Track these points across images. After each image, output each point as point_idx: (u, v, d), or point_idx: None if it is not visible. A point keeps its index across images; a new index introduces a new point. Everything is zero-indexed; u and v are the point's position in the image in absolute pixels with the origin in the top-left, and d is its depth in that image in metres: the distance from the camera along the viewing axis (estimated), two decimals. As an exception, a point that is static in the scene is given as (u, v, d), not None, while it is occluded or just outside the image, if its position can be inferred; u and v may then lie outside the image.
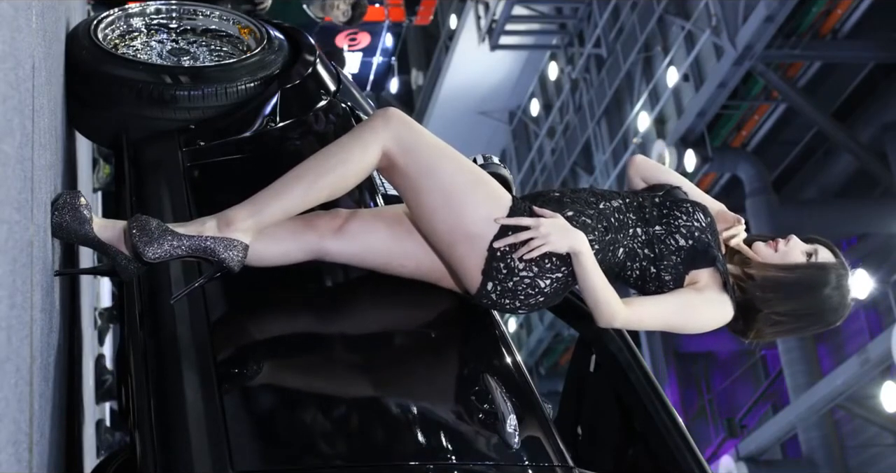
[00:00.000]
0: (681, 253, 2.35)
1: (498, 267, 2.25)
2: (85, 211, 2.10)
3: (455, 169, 2.28)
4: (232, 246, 2.14)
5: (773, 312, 2.39)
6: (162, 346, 2.17)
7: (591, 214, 2.34)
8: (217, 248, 2.13)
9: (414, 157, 2.25)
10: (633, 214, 2.38)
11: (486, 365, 2.35)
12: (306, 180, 2.21)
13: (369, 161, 2.24)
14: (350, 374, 2.23)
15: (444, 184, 2.25)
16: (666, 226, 2.37)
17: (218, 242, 2.13)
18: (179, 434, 1.96)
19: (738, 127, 14.78)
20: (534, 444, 2.16)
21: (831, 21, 12.91)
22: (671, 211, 2.39)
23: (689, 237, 2.36)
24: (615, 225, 2.35)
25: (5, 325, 1.23)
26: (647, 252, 2.36)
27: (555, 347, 19.54)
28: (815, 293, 2.40)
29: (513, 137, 19.92)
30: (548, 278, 2.27)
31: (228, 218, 2.16)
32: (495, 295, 2.28)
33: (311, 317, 2.36)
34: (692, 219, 2.38)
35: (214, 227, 2.15)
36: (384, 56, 11.93)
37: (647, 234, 2.37)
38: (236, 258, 2.15)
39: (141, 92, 2.71)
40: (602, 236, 2.32)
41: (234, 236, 2.15)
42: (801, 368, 13.44)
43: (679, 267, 2.35)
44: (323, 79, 2.97)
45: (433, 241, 2.31)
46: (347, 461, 2.04)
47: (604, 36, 16.06)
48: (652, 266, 2.36)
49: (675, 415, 2.62)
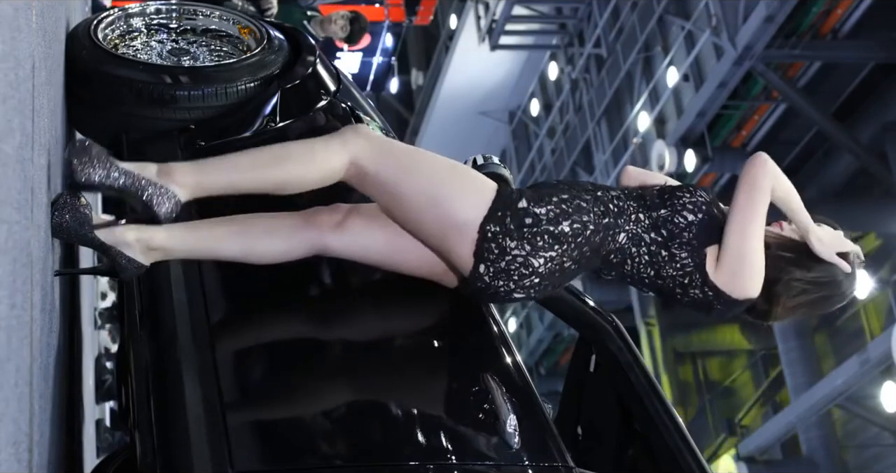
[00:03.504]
0: (691, 228, 2.32)
1: (489, 247, 2.23)
2: (85, 211, 2.10)
3: (431, 166, 2.28)
4: (165, 194, 2.11)
5: (795, 279, 2.34)
6: (162, 346, 2.17)
7: (588, 199, 2.32)
8: (149, 190, 2.10)
9: (386, 162, 2.24)
10: (634, 202, 2.36)
11: (486, 365, 2.35)
12: (260, 163, 2.20)
13: (332, 166, 2.22)
14: (350, 374, 2.23)
15: (425, 181, 2.24)
16: (670, 207, 2.34)
17: (152, 185, 2.11)
18: (179, 434, 1.96)
19: (738, 127, 14.76)
20: (534, 444, 2.16)
21: (831, 21, 12.90)
22: (673, 193, 2.37)
23: (698, 211, 2.33)
24: (614, 210, 2.32)
25: (5, 325, 1.23)
26: (655, 236, 2.32)
27: (555, 347, 19.53)
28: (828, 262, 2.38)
29: (513, 137, 19.91)
30: (541, 256, 2.25)
31: (170, 168, 2.14)
32: (488, 276, 2.25)
33: (311, 317, 2.36)
34: (696, 196, 2.36)
35: (154, 172, 2.13)
36: (384, 56, 11.92)
37: (650, 219, 2.33)
38: (165, 205, 2.11)
39: (141, 92, 2.71)
40: (599, 219, 2.29)
41: (171, 186, 2.12)
42: (801, 368, 13.45)
43: (693, 243, 2.31)
44: (323, 79, 2.98)
45: (424, 239, 2.30)
46: (347, 461, 2.04)
47: (604, 36, 16.06)
48: (663, 249, 2.32)
49: (675, 415, 2.62)
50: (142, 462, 1.95)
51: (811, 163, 14.90)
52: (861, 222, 13.98)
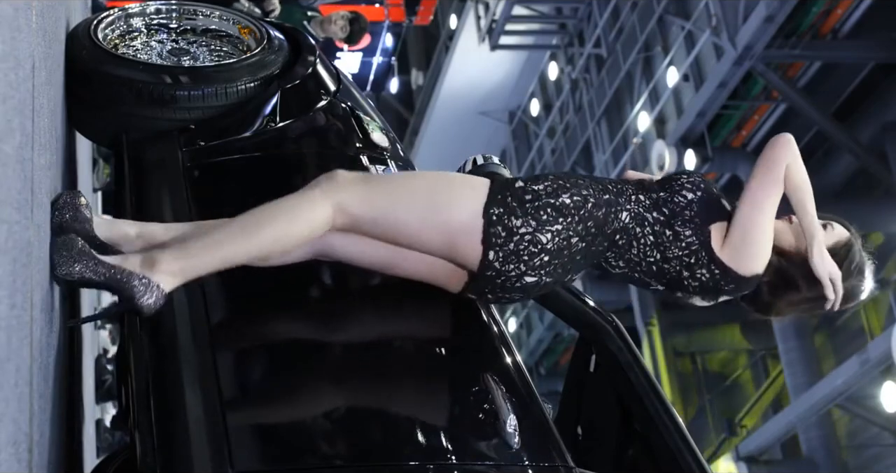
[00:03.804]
0: (692, 206, 2.33)
1: (496, 231, 2.23)
2: (85, 211, 2.10)
3: (413, 184, 2.28)
4: (149, 285, 2.05)
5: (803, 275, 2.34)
6: (162, 346, 2.17)
7: (585, 178, 2.36)
8: (133, 282, 2.04)
9: (371, 198, 2.22)
10: (631, 186, 2.38)
11: (486, 364, 2.35)
12: (243, 232, 2.14)
13: (318, 217, 2.18)
14: (350, 374, 2.23)
15: (416, 200, 2.24)
16: (668, 189, 2.36)
17: (136, 278, 2.04)
18: (179, 434, 1.96)
19: (738, 127, 14.77)
20: (534, 444, 2.16)
21: (831, 21, 12.91)
22: (670, 177, 2.40)
23: (697, 189, 2.34)
24: (612, 190, 2.34)
25: (5, 325, 1.23)
26: (657, 215, 2.32)
27: (555, 347, 19.53)
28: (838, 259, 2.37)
29: (513, 137, 19.91)
30: (547, 231, 2.25)
31: (153, 258, 2.08)
32: (498, 262, 2.25)
33: (311, 317, 2.36)
34: (693, 177, 2.38)
35: (137, 264, 2.07)
36: (384, 56, 11.92)
37: (650, 199, 2.34)
38: (149, 297, 2.05)
39: (141, 92, 2.71)
40: (599, 194, 2.31)
41: (155, 277, 2.06)
42: (801, 368, 13.45)
43: (696, 220, 2.32)
44: (323, 79, 2.97)
45: (433, 253, 2.29)
46: (347, 461, 2.04)
47: (604, 36, 16.06)
48: (666, 228, 2.32)
49: (675, 415, 2.62)
50: (142, 462, 1.94)
51: (811, 163, 14.84)
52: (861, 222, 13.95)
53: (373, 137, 2.84)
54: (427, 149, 19.04)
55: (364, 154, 2.79)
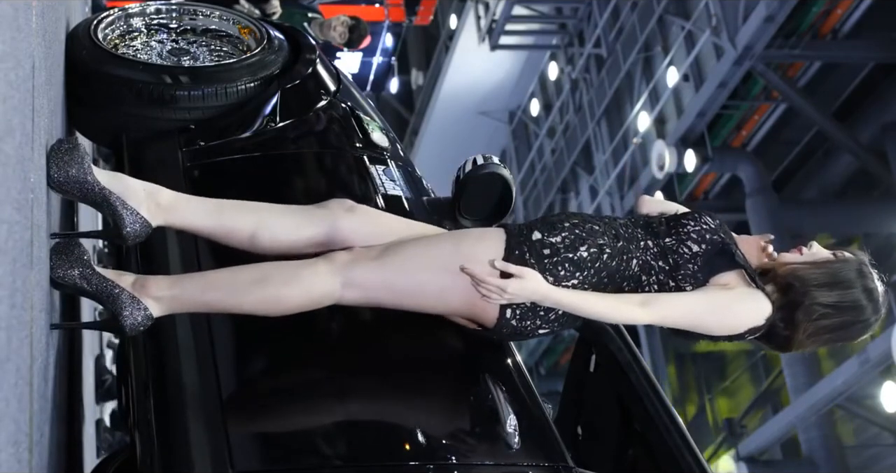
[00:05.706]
0: (696, 260, 2.30)
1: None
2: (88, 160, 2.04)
3: (427, 246, 2.24)
4: (137, 306, 2.05)
5: (816, 303, 2.30)
6: (162, 346, 2.17)
7: (599, 224, 2.32)
8: (122, 298, 2.04)
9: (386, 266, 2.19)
10: (641, 230, 2.35)
11: (486, 365, 2.35)
12: (239, 283, 2.12)
13: (322, 291, 2.16)
14: (350, 374, 2.23)
15: (435, 261, 2.21)
16: (676, 236, 2.32)
17: (127, 295, 2.05)
18: (179, 434, 1.96)
19: (738, 127, 14.76)
20: (534, 444, 2.16)
21: (831, 21, 12.90)
22: (678, 221, 2.35)
23: (702, 241, 2.31)
24: (625, 235, 2.32)
25: (5, 325, 1.23)
26: (662, 264, 2.31)
27: (555, 347, 19.52)
28: (850, 283, 2.34)
29: (513, 137, 19.90)
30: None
31: (146, 281, 2.09)
32: (515, 320, 2.24)
33: (311, 318, 2.36)
34: (700, 223, 2.33)
35: (130, 283, 2.07)
36: (384, 56, 11.91)
37: (658, 246, 2.32)
38: (134, 317, 2.04)
39: (141, 92, 2.71)
40: (613, 242, 2.28)
41: (145, 300, 2.06)
42: (801, 368, 13.43)
43: (698, 276, 2.29)
44: (323, 79, 2.98)
45: (452, 312, 2.28)
46: (347, 461, 2.04)
47: (604, 36, 16.05)
48: (669, 278, 2.30)
49: (675, 415, 2.62)
50: (142, 462, 1.95)
51: (811, 163, 14.90)
52: (861, 222, 13.98)
53: (373, 137, 2.85)
54: (427, 149, 19.02)
55: (364, 154, 2.79)
